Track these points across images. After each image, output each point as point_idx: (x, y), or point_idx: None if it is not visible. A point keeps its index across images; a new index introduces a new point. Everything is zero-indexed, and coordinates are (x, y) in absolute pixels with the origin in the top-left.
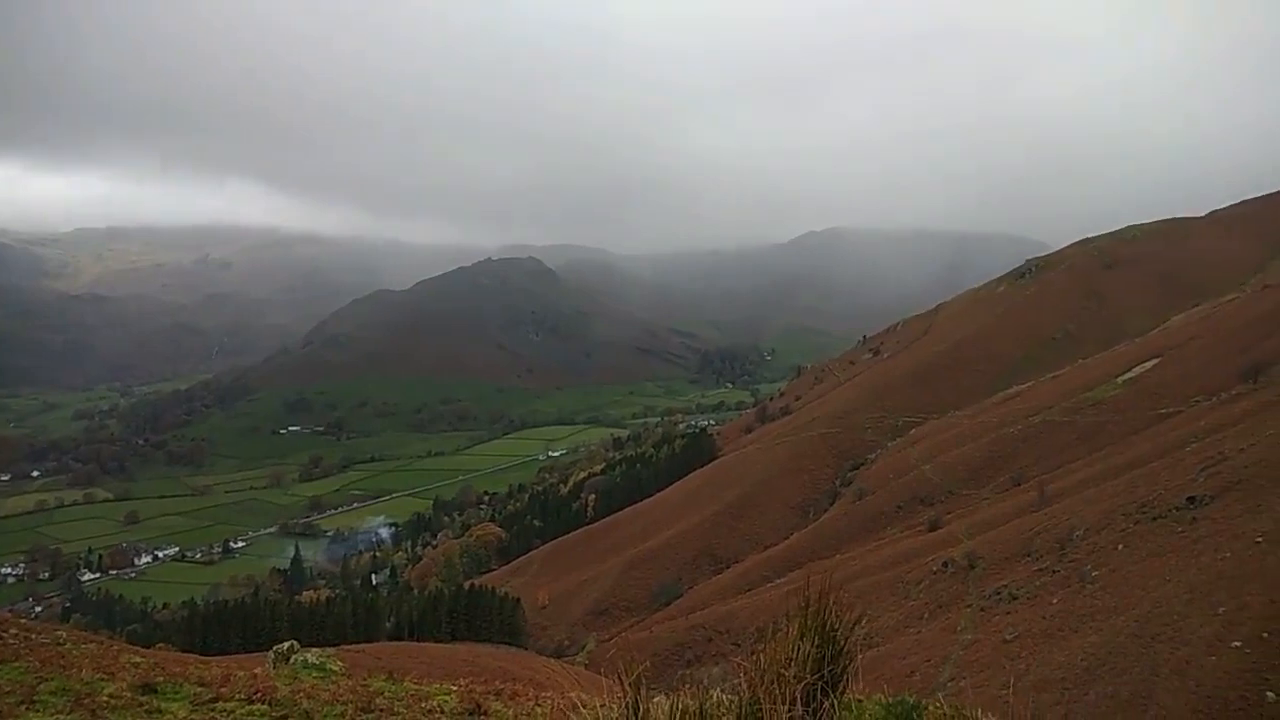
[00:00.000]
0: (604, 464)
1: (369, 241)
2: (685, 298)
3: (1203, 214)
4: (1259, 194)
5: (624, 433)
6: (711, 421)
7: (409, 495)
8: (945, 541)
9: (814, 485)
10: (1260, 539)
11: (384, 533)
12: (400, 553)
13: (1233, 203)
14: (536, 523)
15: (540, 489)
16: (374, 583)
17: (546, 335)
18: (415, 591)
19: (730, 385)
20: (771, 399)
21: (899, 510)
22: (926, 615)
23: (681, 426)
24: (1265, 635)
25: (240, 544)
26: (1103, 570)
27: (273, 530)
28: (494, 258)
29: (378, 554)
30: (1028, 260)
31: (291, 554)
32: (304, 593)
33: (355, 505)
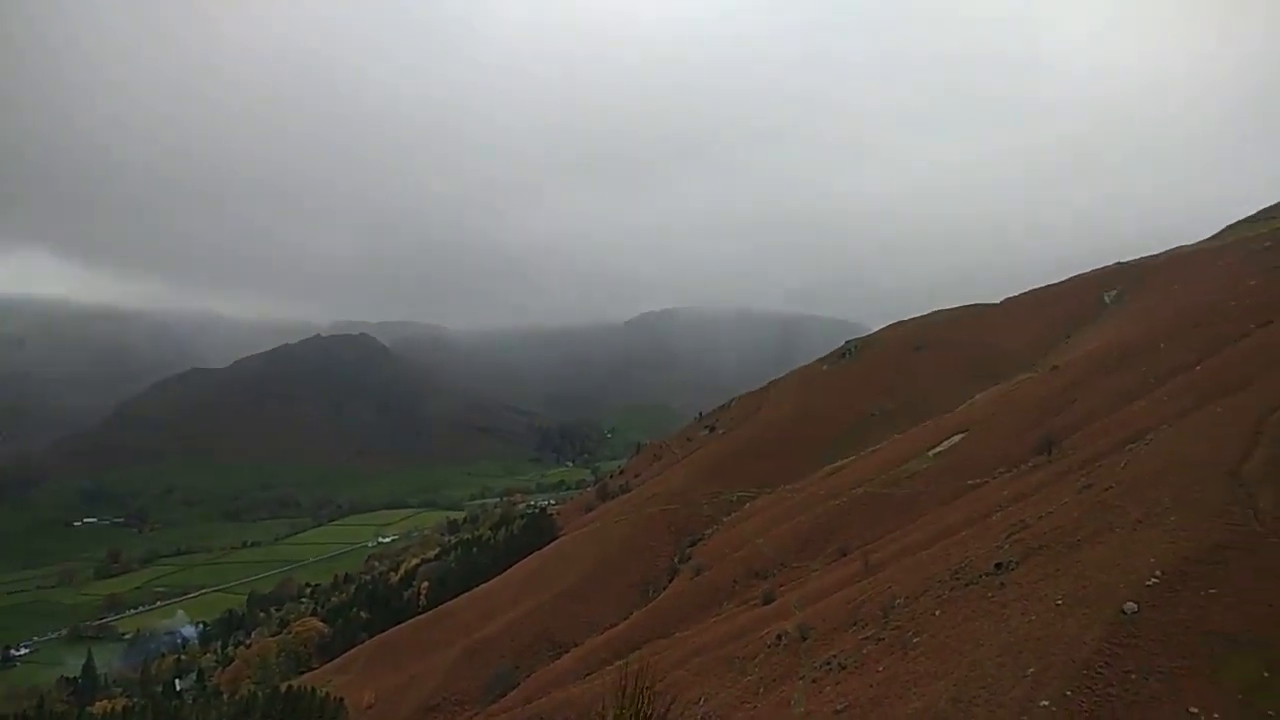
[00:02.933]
0: (438, 549)
1: (180, 316)
2: (525, 375)
3: (998, 300)
4: (1045, 283)
5: (461, 515)
6: (551, 500)
7: (220, 590)
8: (779, 614)
9: (654, 563)
10: (1060, 601)
11: (189, 632)
12: (209, 654)
13: (1023, 291)
14: (364, 615)
15: (368, 578)
16: (178, 688)
17: (379, 414)
18: (225, 696)
19: (570, 463)
20: (612, 476)
21: (735, 585)
22: (762, 690)
23: (521, 507)
24: (1068, 694)
25: (22, 651)
26: (923, 636)
27: (61, 634)
28: (323, 334)
29: (183, 656)
30: (848, 341)
31: (83, 660)
32: (96, 703)
33: (159, 604)
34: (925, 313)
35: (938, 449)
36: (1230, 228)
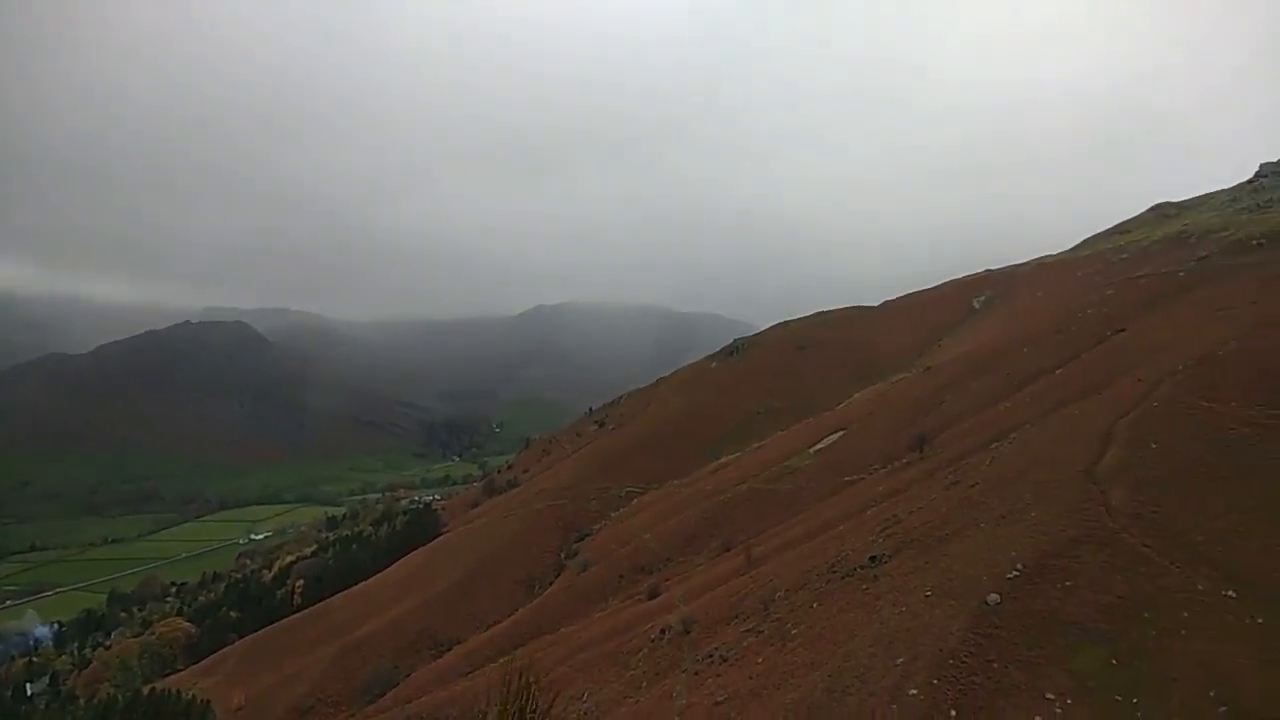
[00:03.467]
0: (315, 546)
1: (37, 298)
2: (412, 367)
3: (878, 303)
4: (921, 287)
5: (340, 511)
6: (437, 496)
7: (78, 589)
8: (664, 608)
9: (540, 559)
10: (929, 593)
11: (42, 633)
12: (64, 656)
13: (901, 294)
14: (234, 614)
15: (239, 576)
16: (29, 693)
17: (254, 406)
18: (82, 701)
19: (457, 458)
20: (500, 471)
21: (621, 580)
22: (645, 684)
23: (404, 502)
24: (935, 682)
25: None
26: (801, 628)
27: None
28: (194, 320)
29: (35, 659)
30: (736, 339)
31: None
32: None
33: (9, 603)
34: (810, 313)
35: (819, 446)
36: (1088, 240)
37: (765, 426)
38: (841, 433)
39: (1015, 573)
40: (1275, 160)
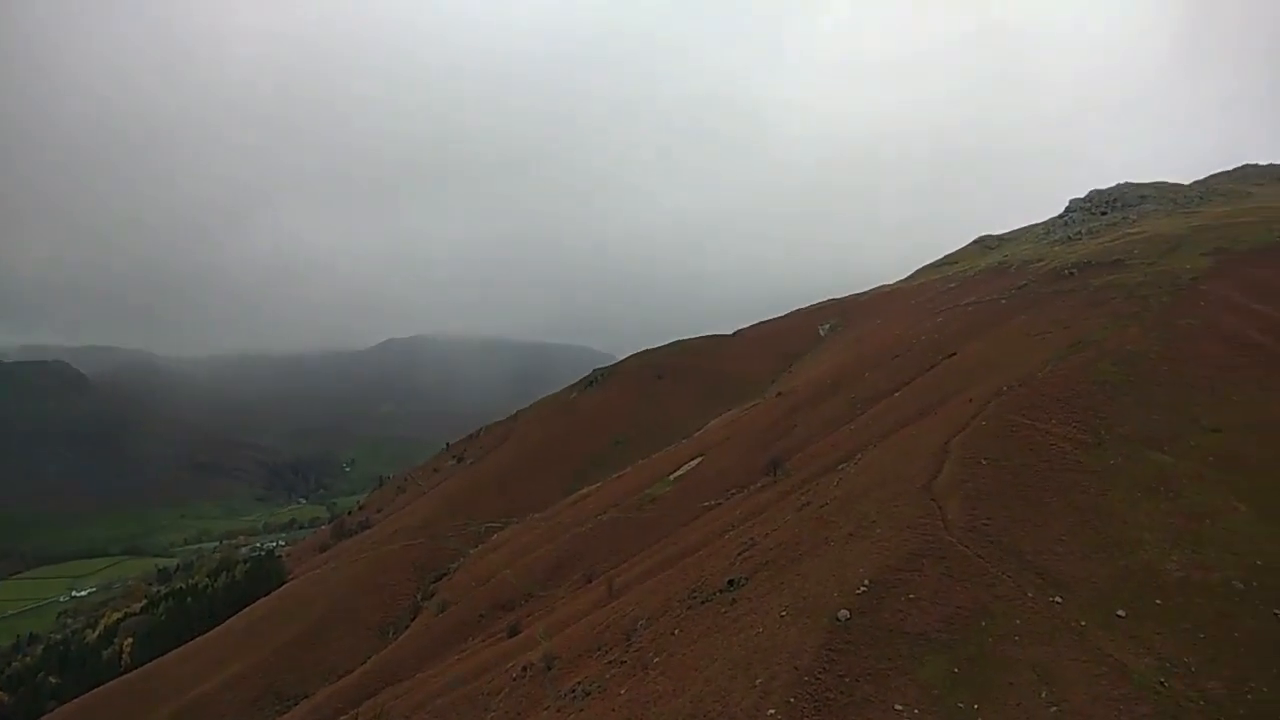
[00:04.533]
0: (145, 601)
1: None
2: (254, 406)
3: (732, 332)
4: (772, 316)
5: (172, 562)
6: (281, 542)
7: None
8: (525, 645)
9: (394, 602)
10: (784, 613)
11: None
12: None
13: (754, 322)
14: (53, 680)
15: (59, 638)
16: None
17: (75, 451)
18: None
19: (304, 501)
20: (350, 513)
21: (481, 619)
22: None
23: (245, 550)
24: (791, 700)
25: None
26: (663, 656)
27: None
28: (6, 360)
29: None
30: (595, 370)
31: None
32: None
33: None
34: (668, 342)
35: (678, 473)
36: (921, 270)
37: (626, 455)
38: (700, 459)
39: (863, 588)
40: (1082, 197)
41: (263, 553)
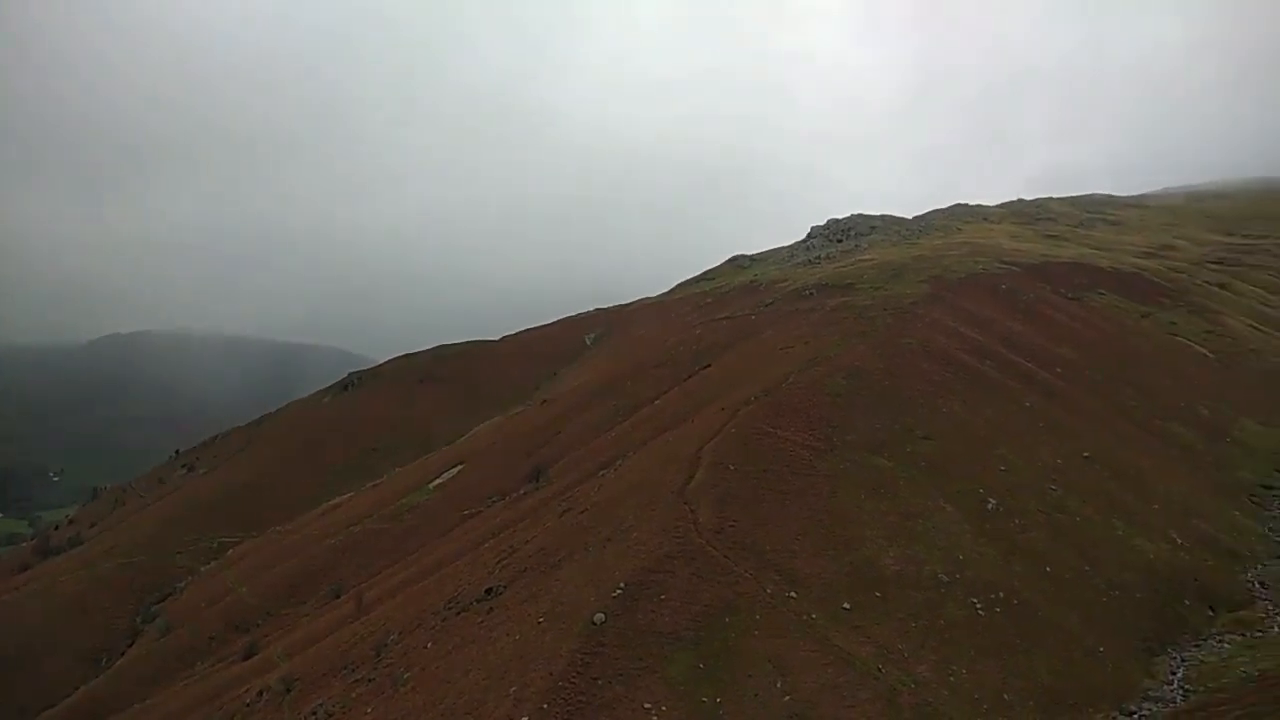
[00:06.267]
0: None
1: None
2: None
3: (498, 338)
4: (539, 323)
5: None
6: None
7: None
8: (262, 668)
9: (110, 627)
10: (541, 619)
11: None
12: None
13: (520, 329)
14: None
15: None
16: None
17: None
18: None
19: (0, 514)
20: (57, 528)
21: (212, 641)
22: None
23: None
24: (545, 706)
25: None
26: (414, 670)
27: None
28: None
29: None
30: (350, 373)
31: None
32: None
33: None
34: (431, 346)
35: (438, 480)
36: (682, 284)
37: (382, 464)
38: (461, 466)
39: (619, 591)
40: (822, 224)
41: None
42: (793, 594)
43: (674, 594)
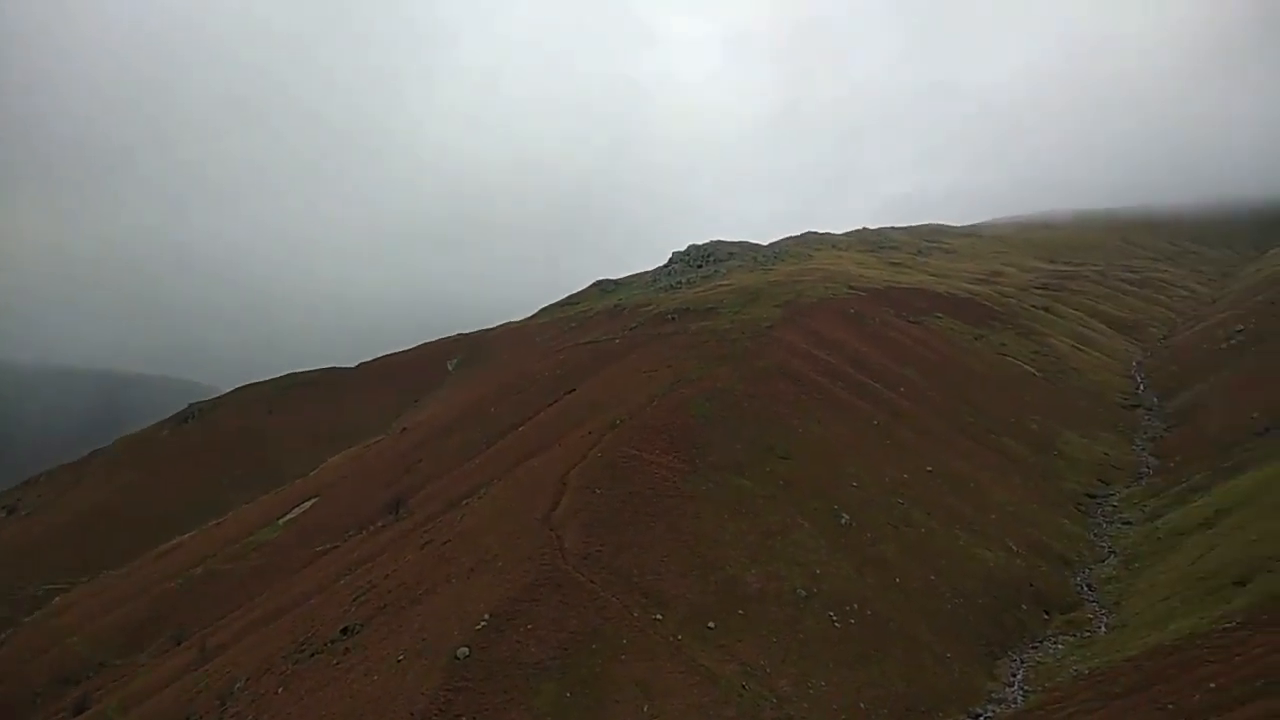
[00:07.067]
0: None
1: None
2: None
3: (353, 365)
4: (397, 349)
5: None
6: None
7: None
8: None
9: None
10: (401, 657)
11: None
12: None
13: (377, 356)
14: None
15: None
16: None
17: None
18: None
19: None
20: None
21: (37, 698)
22: None
23: None
24: None
25: None
26: (264, 718)
27: None
28: None
29: None
30: (192, 404)
31: None
32: None
33: None
34: (280, 375)
35: (289, 516)
36: (546, 309)
37: (228, 500)
38: (314, 500)
39: (483, 622)
40: (683, 250)
41: None
42: (659, 616)
43: (540, 623)
